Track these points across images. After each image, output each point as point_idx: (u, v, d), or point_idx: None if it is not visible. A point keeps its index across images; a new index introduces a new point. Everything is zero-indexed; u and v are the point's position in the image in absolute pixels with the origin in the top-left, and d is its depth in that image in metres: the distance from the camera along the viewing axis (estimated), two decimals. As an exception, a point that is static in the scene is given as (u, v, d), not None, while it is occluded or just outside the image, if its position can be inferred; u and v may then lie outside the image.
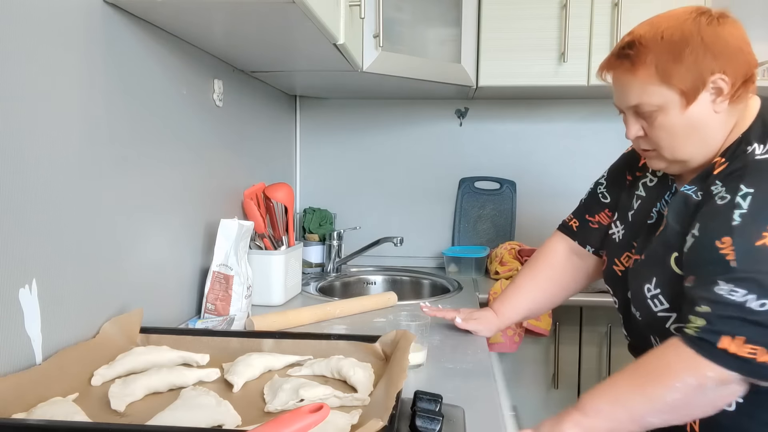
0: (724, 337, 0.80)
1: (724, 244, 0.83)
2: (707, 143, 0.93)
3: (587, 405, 0.88)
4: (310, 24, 1.03)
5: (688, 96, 0.89)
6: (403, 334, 0.90)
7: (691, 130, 0.92)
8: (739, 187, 0.85)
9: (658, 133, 0.94)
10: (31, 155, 0.78)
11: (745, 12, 2.05)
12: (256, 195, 1.53)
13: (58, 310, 0.84)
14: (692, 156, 0.94)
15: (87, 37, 0.90)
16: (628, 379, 0.88)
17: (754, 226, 0.82)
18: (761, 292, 0.79)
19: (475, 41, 1.80)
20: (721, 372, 0.81)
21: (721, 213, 0.85)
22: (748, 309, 0.79)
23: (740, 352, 0.79)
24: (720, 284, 0.82)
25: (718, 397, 0.84)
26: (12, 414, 0.67)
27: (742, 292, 0.80)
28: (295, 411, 0.57)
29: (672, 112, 0.91)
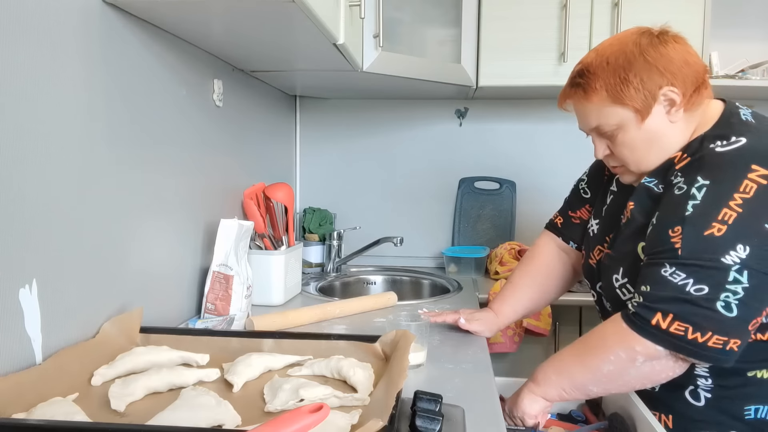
0: (658, 313, 0.87)
1: (675, 232, 0.89)
2: (668, 149, 0.98)
3: (538, 375, 1.02)
4: (310, 24, 1.03)
5: (641, 112, 0.95)
6: (403, 334, 0.90)
7: (651, 141, 0.98)
8: (696, 179, 0.90)
9: (620, 149, 1.00)
10: (31, 155, 0.78)
11: (745, 12, 2.05)
12: (256, 195, 1.53)
13: (58, 310, 0.84)
14: (656, 164, 0.99)
15: (86, 37, 0.90)
16: (572, 350, 0.99)
17: (703, 217, 0.87)
18: (699, 279, 0.85)
19: (475, 41, 1.80)
20: (648, 346, 0.88)
21: (677, 203, 0.91)
22: (686, 291, 0.85)
23: (671, 329, 0.86)
24: (666, 266, 0.88)
25: (650, 371, 0.91)
26: (12, 414, 0.67)
27: (682, 275, 0.86)
28: (295, 411, 0.57)
29: (630, 128, 0.97)
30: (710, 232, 0.86)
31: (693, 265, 0.86)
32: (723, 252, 0.85)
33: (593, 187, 1.22)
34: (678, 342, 0.86)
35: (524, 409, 1.01)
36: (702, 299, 0.84)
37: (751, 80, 1.84)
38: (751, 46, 2.04)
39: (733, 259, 0.84)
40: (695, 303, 0.85)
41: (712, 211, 0.87)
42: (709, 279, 0.85)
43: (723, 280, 0.84)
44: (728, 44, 2.01)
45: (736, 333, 0.85)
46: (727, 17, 2.01)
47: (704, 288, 0.85)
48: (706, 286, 0.85)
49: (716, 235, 0.86)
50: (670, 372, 0.91)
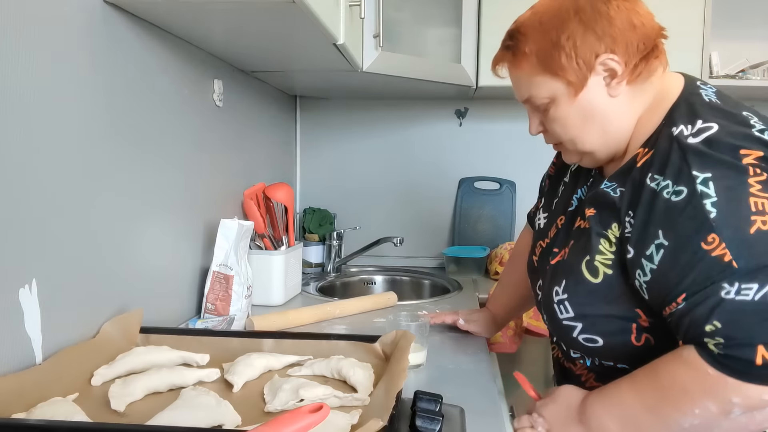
0: (760, 347, 0.65)
1: (712, 243, 0.70)
2: (609, 131, 0.85)
3: (592, 420, 0.80)
4: (310, 24, 1.03)
5: (574, 84, 0.82)
6: (403, 334, 0.90)
7: (587, 119, 0.84)
8: (693, 176, 0.73)
9: (553, 126, 0.87)
10: (31, 155, 0.78)
11: (745, 12, 2.05)
12: (256, 195, 1.53)
13: (58, 310, 0.84)
14: (597, 146, 0.86)
15: (87, 37, 0.90)
16: (638, 396, 0.76)
17: (736, 213, 0.70)
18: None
19: (475, 41, 1.80)
20: (752, 395, 0.67)
21: (688, 210, 0.72)
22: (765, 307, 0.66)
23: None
24: (725, 287, 0.68)
25: (747, 423, 0.71)
26: (12, 414, 0.67)
27: (753, 287, 0.66)
28: (295, 411, 0.57)
29: (562, 102, 0.84)
30: (756, 228, 0.68)
31: (758, 270, 0.67)
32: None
33: (553, 176, 1.08)
34: None
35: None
36: None
37: (751, 80, 1.84)
38: (751, 46, 2.04)
39: None
40: None
41: (741, 203, 0.70)
42: None
43: None
44: (728, 44, 2.01)
45: None
46: (727, 17, 2.01)
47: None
48: None
49: (763, 229, 0.68)
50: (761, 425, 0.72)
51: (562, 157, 0.94)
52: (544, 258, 0.96)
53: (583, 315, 0.84)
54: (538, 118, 0.90)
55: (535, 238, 1.03)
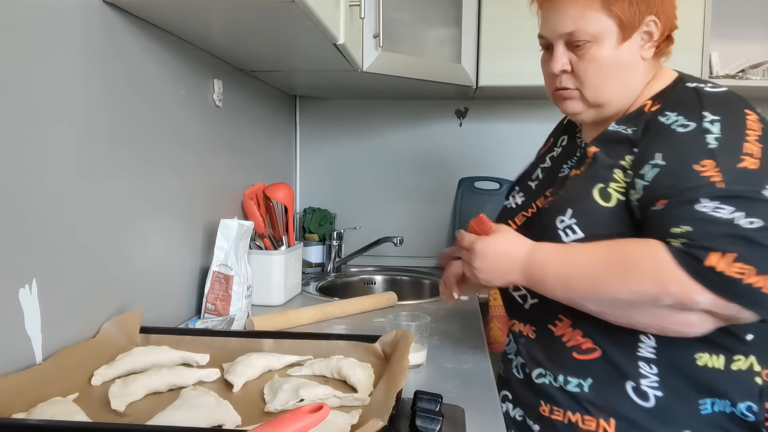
0: (713, 254, 0.73)
1: (706, 166, 0.78)
2: (628, 89, 0.91)
3: (539, 256, 0.87)
4: (310, 24, 1.03)
5: (625, 30, 0.88)
6: (403, 334, 0.90)
7: (620, 69, 0.90)
8: (702, 115, 0.82)
9: (587, 66, 0.90)
10: (31, 155, 0.78)
11: (745, 12, 2.05)
12: (256, 195, 1.53)
13: (58, 310, 0.84)
14: (611, 99, 0.92)
15: (86, 37, 0.90)
16: (589, 262, 0.83)
17: (732, 150, 0.79)
18: (750, 210, 0.74)
19: (475, 41, 1.80)
20: (689, 291, 0.74)
21: (691, 139, 0.81)
22: (737, 226, 0.73)
23: (728, 271, 0.72)
24: (702, 202, 0.76)
25: (665, 318, 0.79)
26: (12, 414, 0.67)
27: (728, 209, 0.75)
28: (295, 411, 0.57)
29: (606, 44, 0.89)
30: (744, 165, 0.77)
31: (738, 197, 0.75)
32: (760, 184, 0.76)
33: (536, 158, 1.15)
34: (734, 287, 0.72)
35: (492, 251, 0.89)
36: (759, 235, 0.72)
37: (751, 80, 1.84)
38: (751, 46, 2.04)
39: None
40: (753, 240, 0.72)
41: (737, 144, 0.79)
42: (758, 212, 0.74)
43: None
44: (728, 44, 2.01)
45: None
46: (727, 17, 2.01)
47: (755, 221, 0.73)
48: (757, 219, 0.73)
49: (750, 168, 0.77)
50: (684, 327, 0.79)
51: (562, 105, 0.97)
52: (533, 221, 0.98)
53: (594, 235, 0.86)
54: (567, 56, 0.92)
55: (512, 213, 1.04)
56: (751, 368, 0.85)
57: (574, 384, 0.90)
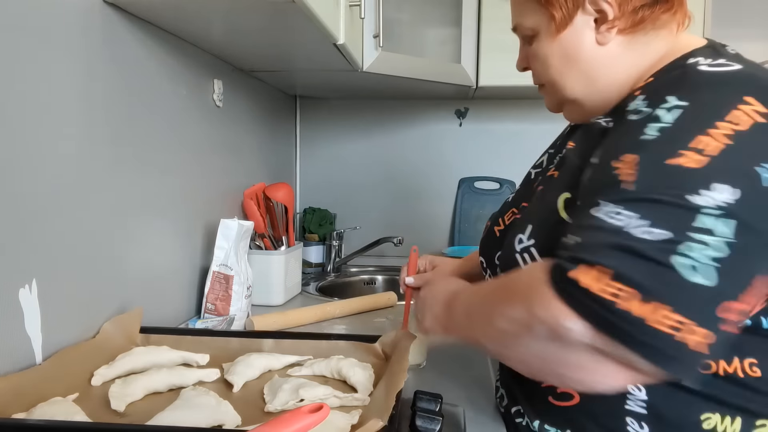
0: (582, 266, 0.55)
1: (623, 162, 0.60)
2: (598, 81, 0.75)
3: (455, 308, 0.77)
4: (310, 24, 1.03)
5: (557, 19, 0.74)
6: (403, 334, 0.90)
7: (569, 62, 0.76)
8: (665, 99, 0.63)
9: (534, 63, 0.81)
10: (31, 155, 0.78)
11: (745, 12, 2.05)
12: (256, 195, 1.53)
13: (58, 310, 0.84)
14: (581, 95, 0.77)
15: (86, 37, 0.90)
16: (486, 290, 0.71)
17: (670, 142, 0.60)
18: (659, 218, 0.55)
19: (475, 41, 1.80)
20: (553, 313, 0.56)
21: (629, 129, 0.64)
22: (626, 234, 0.55)
23: (596, 288, 0.53)
24: (601, 206, 0.59)
25: (553, 356, 0.59)
26: (12, 414, 0.67)
27: (629, 214, 0.56)
28: (295, 411, 0.57)
29: (543, 38, 0.77)
30: (676, 162, 0.58)
31: (649, 201, 0.56)
32: (692, 188, 0.56)
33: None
34: (606, 314, 0.53)
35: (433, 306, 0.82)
36: (651, 247, 0.54)
37: (751, 80, 1.83)
38: (751, 46, 2.04)
39: (707, 201, 0.55)
40: (643, 254, 0.53)
41: (684, 136, 0.59)
42: (668, 221, 0.55)
43: (686, 225, 0.54)
44: (728, 44, 2.01)
45: (702, 315, 0.52)
46: (727, 17, 2.01)
47: (658, 232, 0.54)
48: (659, 230, 0.54)
49: (684, 165, 0.57)
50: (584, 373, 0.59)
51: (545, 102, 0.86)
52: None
53: None
54: (525, 50, 0.83)
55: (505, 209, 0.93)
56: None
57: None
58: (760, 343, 0.65)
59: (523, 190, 0.90)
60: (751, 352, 0.65)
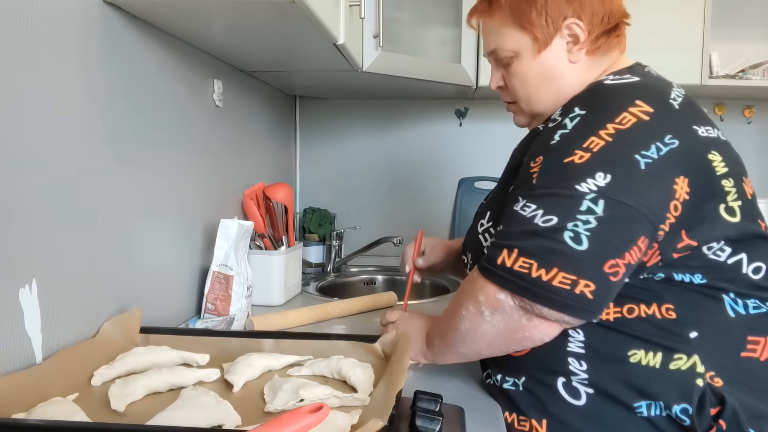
0: (504, 250, 0.74)
1: (535, 162, 0.78)
2: (559, 94, 0.89)
3: (431, 334, 0.93)
4: (310, 24, 1.03)
5: (540, 42, 0.87)
6: (404, 334, 0.90)
7: (545, 78, 0.89)
8: (572, 109, 0.80)
9: (513, 81, 0.92)
10: (31, 155, 0.78)
11: (745, 12, 2.05)
12: (256, 195, 1.53)
13: (58, 310, 0.84)
14: (546, 107, 0.91)
15: (86, 37, 0.90)
16: (448, 309, 0.87)
17: (567, 144, 0.76)
18: (550, 209, 0.73)
19: (475, 41, 1.80)
20: (489, 293, 0.76)
21: (545, 136, 0.81)
22: (533, 223, 0.74)
23: (515, 266, 0.73)
24: (519, 201, 0.77)
25: (505, 329, 0.77)
26: (12, 414, 0.67)
27: (532, 207, 0.75)
28: (295, 411, 0.57)
29: (525, 58, 0.89)
30: (570, 160, 0.75)
31: (546, 195, 0.75)
32: (579, 179, 0.73)
33: None
34: (521, 282, 0.73)
35: None
36: (549, 230, 0.72)
37: (751, 80, 1.84)
38: (751, 46, 2.04)
39: (590, 187, 0.72)
40: (542, 234, 0.72)
41: (578, 139, 0.76)
42: (561, 209, 0.73)
43: (574, 209, 0.72)
44: (728, 44, 2.01)
45: (587, 272, 0.71)
46: (727, 17, 2.01)
47: (553, 218, 0.73)
48: (555, 216, 0.73)
49: (576, 162, 0.74)
50: (526, 331, 0.77)
51: (514, 119, 0.99)
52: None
53: None
54: (500, 72, 0.95)
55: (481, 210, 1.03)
56: (693, 369, 0.76)
57: (510, 383, 0.87)
58: (675, 293, 0.79)
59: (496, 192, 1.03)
60: (668, 299, 0.79)
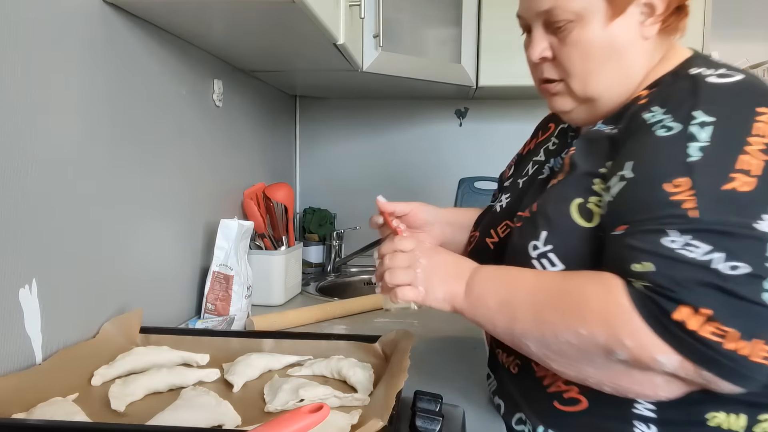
0: (682, 307, 0.58)
1: (679, 186, 0.62)
2: (624, 78, 0.75)
3: (476, 286, 0.74)
4: (310, 24, 1.03)
5: (616, 5, 0.71)
6: (404, 334, 0.90)
7: (611, 53, 0.73)
8: (692, 115, 0.65)
9: (570, 52, 0.74)
10: (31, 155, 0.78)
11: (745, 12, 2.05)
12: (256, 195, 1.53)
13: (58, 310, 0.83)
14: (605, 91, 0.76)
15: (86, 37, 0.90)
16: (535, 289, 0.69)
17: (719, 166, 0.62)
18: (732, 250, 0.58)
19: (475, 41, 1.80)
20: (648, 348, 0.60)
21: (670, 147, 0.64)
22: (715, 271, 0.58)
23: (702, 331, 0.57)
24: (671, 234, 0.60)
25: (620, 376, 0.64)
26: (12, 414, 0.67)
27: (704, 248, 0.58)
28: (295, 411, 0.57)
29: (593, 23, 0.72)
30: (731, 187, 0.60)
31: (718, 233, 0.58)
32: (754, 215, 0.59)
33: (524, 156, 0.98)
34: (709, 352, 0.57)
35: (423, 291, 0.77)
36: (742, 284, 0.57)
37: (751, 80, 1.83)
38: (752, 46, 2.04)
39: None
40: (735, 293, 0.57)
41: (729, 157, 0.61)
42: (745, 253, 0.58)
43: (761, 255, 0.58)
44: (728, 44, 2.01)
45: None
46: (728, 17, 2.01)
47: (739, 266, 0.57)
48: (742, 264, 0.57)
49: (739, 190, 0.59)
50: (647, 389, 0.64)
51: (549, 102, 0.82)
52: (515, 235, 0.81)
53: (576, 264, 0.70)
54: (548, 40, 0.77)
55: (497, 220, 0.89)
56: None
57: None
58: None
59: (515, 201, 0.88)
60: None
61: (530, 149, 0.97)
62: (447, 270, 0.78)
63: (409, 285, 0.78)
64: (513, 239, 0.79)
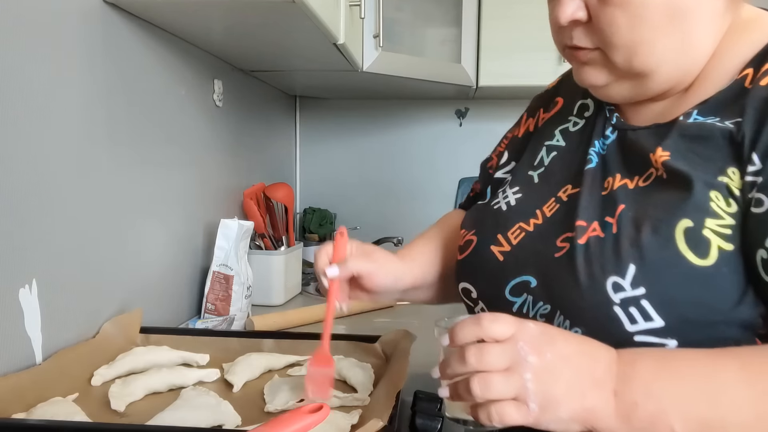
0: None
1: None
2: (691, 47, 0.57)
3: (640, 399, 0.48)
4: (310, 24, 1.03)
5: None
6: (404, 334, 0.90)
7: (672, 15, 0.55)
8: None
9: (614, 13, 0.56)
10: (31, 155, 0.78)
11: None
12: (256, 195, 1.53)
13: (58, 310, 0.83)
14: (661, 65, 0.58)
15: (86, 37, 0.90)
16: (750, 394, 0.47)
17: None
18: None
19: (475, 41, 1.80)
20: None
21: None
22: None
23: None
24: None
25: None
26: (12, 414, 0.67)
27: None
28: (295, 411, 0.57)
29: None
30: None
31: None
32: None
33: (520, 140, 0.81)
34: None
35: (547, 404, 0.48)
36: None
37: (751, 80, 1.83)
38: (751, 46, 2.04)
39: None
40: None
41: None
42: None
43: None
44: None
45: None
46: (727, 17, 2.01)
47: None
48: None
49: None
50: None
51: (576, 72, 0.65)
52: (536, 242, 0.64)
53: (683, 322, 0.52)
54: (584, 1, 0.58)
55: (506, 222, 0.69)
56: None
57: None
58: None
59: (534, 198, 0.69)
60: None
61: (529, 131, 0.79)
62: (574, 371, 0.49)
63: (514, 399, 0.49)
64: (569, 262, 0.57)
